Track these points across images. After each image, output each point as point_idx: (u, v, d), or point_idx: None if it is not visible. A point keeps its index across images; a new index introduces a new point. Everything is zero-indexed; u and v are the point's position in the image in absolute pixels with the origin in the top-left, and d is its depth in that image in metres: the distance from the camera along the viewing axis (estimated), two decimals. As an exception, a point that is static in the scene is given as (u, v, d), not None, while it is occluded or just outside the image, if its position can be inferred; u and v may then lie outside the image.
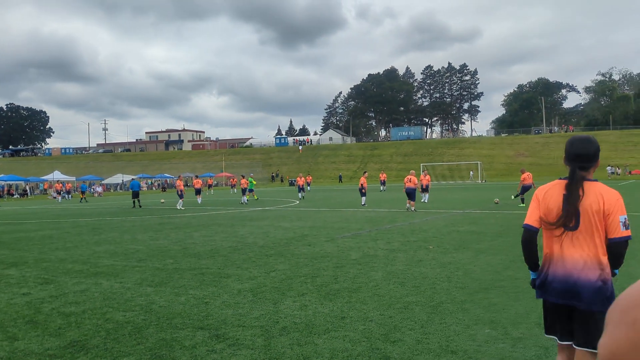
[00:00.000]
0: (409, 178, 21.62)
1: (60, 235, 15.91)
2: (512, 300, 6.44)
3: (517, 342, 4.90)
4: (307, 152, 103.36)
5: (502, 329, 5.33)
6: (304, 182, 36.95)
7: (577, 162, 3.27)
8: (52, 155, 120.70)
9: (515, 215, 18.33)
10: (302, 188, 35.81)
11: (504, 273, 8.15)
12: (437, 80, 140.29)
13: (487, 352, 4.68)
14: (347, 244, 11.92)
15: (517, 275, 7.97)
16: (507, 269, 8.46)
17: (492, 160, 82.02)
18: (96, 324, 5.93)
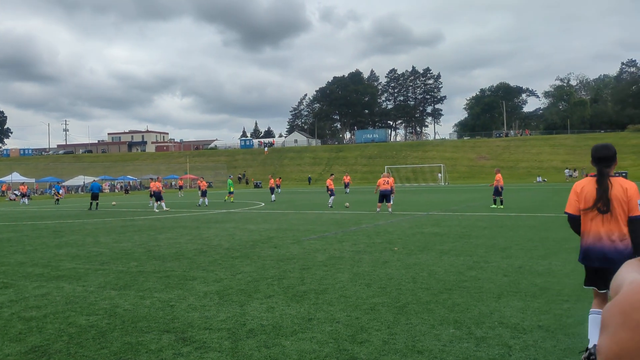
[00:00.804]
0: (385, 180, 21.64)
1: (19, 238, 15.47)
2: (475, 301, 6.58)
3: (481, 342, 5.02)
4: (273, 154, 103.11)
5: (466, 328, 5.46)
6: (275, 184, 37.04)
7: (601, 163, 4.43)
8: (11, 157, 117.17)
9: (476, 217, 18.71)
10: (273, 190, 35.97)
11: (467, 274, 8.32)
12: (401, 83, 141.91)
13: (451, 351, 4.78)
14: (313, 246, 11.97)
15: (479, 275, 8.15)
16: (470, 270, 8.64)
17: (455, 163, 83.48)
18: (58, 329, 5.81)
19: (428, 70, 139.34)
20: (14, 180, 66.20)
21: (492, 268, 8.79)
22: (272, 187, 36.33)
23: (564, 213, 4.72)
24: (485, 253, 10.39)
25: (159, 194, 28.33)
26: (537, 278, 7.88)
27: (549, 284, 7.44)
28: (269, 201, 33.63)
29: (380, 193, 21.51)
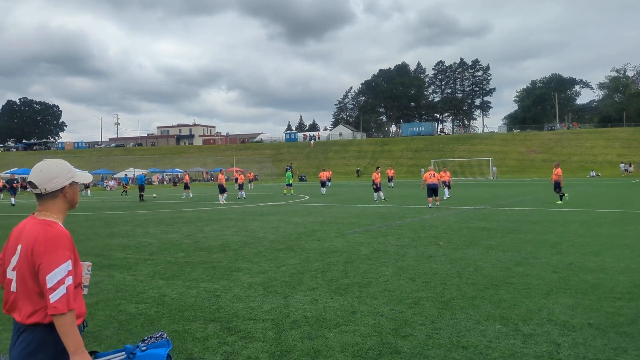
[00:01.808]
0: (432, 173, 21.27)
1: (72, 228, 16.07)
2: (522, 297, 6.42)
3: (528, 338, 4.89)
4: (317, 148, 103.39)
5: (512, 325, 5.33)
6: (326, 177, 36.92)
7: None
8: (65, 150, 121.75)
9: (526, 212, 18.24)
10: (324, 183, 35.82)
11: (515, 270, 8.13)
12: (448, 75, 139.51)
13: (497, 347, 4.69)
14: (358, 240, 11.94)
15: (528, 272, 7.95)
16: (518, 266, 8.43)
17: (504, 157, 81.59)
18: (109, 315, 6.00)
19: (477, 62, 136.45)
20: (70, 173, 68.70)
21: (541, 264, 8.55)
22: (322, 181, 36.24)
23: None
24: (534, 249, 10.12)
25: (222, 187, 28.90)
26: (588, 275, 7.63)
27: (600, 281, 7.18)
28: (319, 194, 33.77)
29: (428, 187, 21.14)
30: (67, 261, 2.37)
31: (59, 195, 2.57)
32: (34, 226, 2.47)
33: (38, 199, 2.57)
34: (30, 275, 2.38)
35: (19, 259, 2.44)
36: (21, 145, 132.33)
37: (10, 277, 2.47)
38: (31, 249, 2.39)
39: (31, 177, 2.54)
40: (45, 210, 2.55)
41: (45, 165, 2.57)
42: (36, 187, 2.53)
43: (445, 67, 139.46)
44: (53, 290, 2.29)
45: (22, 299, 2.41)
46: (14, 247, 2.51)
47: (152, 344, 2.62)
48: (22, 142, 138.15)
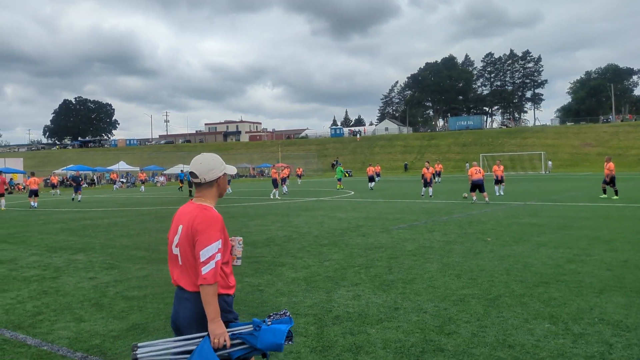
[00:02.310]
0: (477, 169, 21.00)
1: (124, 223, 16.57)
2: (573, 295, 6.20)
3: (579, 338, 4.72)
4: (363, 143, 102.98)
5: (562, 324, 5.15)
6: (374, 172, 36.44)
7: None
8: (118, 147, 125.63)
9: (579, 207, 17.62)
10: (372, 178, 35.45)
11: (566, 267, 7.86)
12: (498, 67, 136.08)
13: (545, 347, 4.54)
14: (402, 235, 11.83)
15: (580, 269, 7.67)
16: (570, 263, 8.15)
17: (557, 150, 79.08)
18: (157, 308, 6.15)
19: (527, 53, 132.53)
20: (121, 169, 70.98)
21: (594, 261, 8.24)
22: (371, 176, 35.86)
23: None
24: (587, 245, 9.76)
25: (276, 182, 29.07)
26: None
27: (659, 280, 6.86)
28: (365, 190, 33.66)
29: (472, 183, 20.82)
30: (218, 240, 2.80)
31: (214, 184, 3.01)
32: (193, 209, 2.93)
33: (197, 187, 3.02)
34: (190, 251, 2.84)
35: (181, 237, 2.90)
36: (77, 143, 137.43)
37: (175, 253, 2.94)
38: (190, 228, 2.84)
39: (192, 168, 2.99)
40: (202, 197, 3.01)
41: (204, 158, 3.00)
42: (197, 176, 2.97)
43: (495, 59, 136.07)
44: (205, 264, 2.73)
45: (186, 271, 2.87)
46: (175, 228, 2.98)
47: (277, 320, 2.87)
48: (77, 140, 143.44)
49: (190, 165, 3.03)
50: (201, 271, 2.72)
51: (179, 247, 2.92)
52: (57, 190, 43.27)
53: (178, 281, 2.94)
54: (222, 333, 2.72)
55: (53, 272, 8.61)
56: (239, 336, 2.80)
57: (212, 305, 2.72)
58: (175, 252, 2.95)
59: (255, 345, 2.77)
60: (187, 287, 2.85)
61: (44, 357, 4.65)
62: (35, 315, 6.01)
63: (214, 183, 3.00)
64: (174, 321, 2.95)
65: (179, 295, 2.94)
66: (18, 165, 60.80)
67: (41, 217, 19.52)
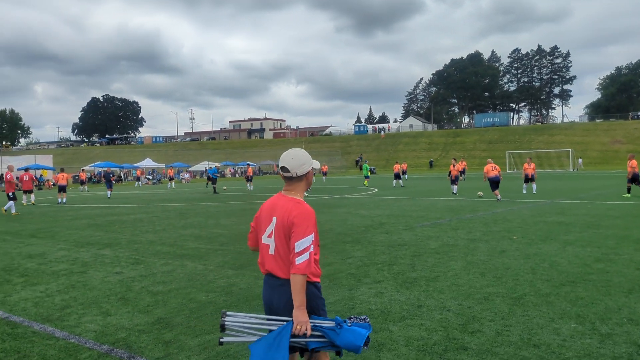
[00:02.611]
0: (493, 166, 20.90)
1: (149, 219, 16.79)
2: (601, 295, 6.08)
3: (606, 338, 4.62)
4: (387, 140, 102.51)
5: (589, 324, 5.06)
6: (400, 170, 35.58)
7: None
8: (144, 144, 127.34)
9: (608, 205, 17.27)
10: (399, 175, 34.97)
11: (594, 266, 7.71)
12: (525, 63, 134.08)
13: (572, 347, 4.46)
14: (426, 233, 11.74)
15: (608, 268, 7.52)
16: (598, 262, 8.00)
17: (586, 148, 77.60)
18: (181, 303, 6.22)
19: (556, 49, 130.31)
20: (147, 166, 71.92)
21: (623, 261, 8.06)
22: (397, 173, 35.08)
23: None
24: (616, 245, 9.56)
25: None
26: (676, 273, 7.11)
27: (690, 281, 6.68)
28: (388, 187, 33.53)
29: (490, 180, 20.70)
30: (312, 234, 2.95)
31: (303, 178, 3.18)
32: (287, 202, 3.09)
33: (287, 180, 3.17)
34: (285, 242, 3.01)
35: (276, 228, 3.06)
36: (104, 140, 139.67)
37: (267, 243, 3.12)
38: (286, 220, 3.00)
39: (284, 163, 3.15)
40: (292, 190, 3.16)
41: (295, 154, 3.19)
42: (288, 171, 3.13)
43: (522, 54, 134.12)
44: (299, 255, 2.88)
45: (280, 260, 3.04)
46: (268, 218, 3.15)
47: (356, 323, 2.96)
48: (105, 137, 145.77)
49: (280, 160, 3.18)
50: (295, 261, 2.88)
51: (272, 238, 3.08)
52: (85, 187, 44.07)
53: (270, 269, 3.10)
54: (305, 322, 2.87)
55: (80, 267, 8.78)
56: (320, 329, 2.93)
57: (301, 294, 2.87)
58: (267, 242, 3.13)
59: (334, 341, 2.89)
60: (281, 274, 3.03)
61: (72, 349, 4.74)
62: (63, 309, 6.13)
63: (303, 177, 3.18)
64: (268, 306, 3.13)
65: (270, 282, 3.11)
66: (48, 162, 62.04)
67: (69, 213, 19.90)
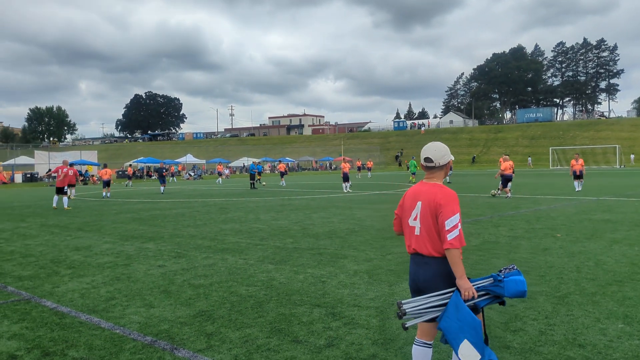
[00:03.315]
0: (511, 164, 20.67)
1: (191, 213, 17.10)
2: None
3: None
4: (427, 136, 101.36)
5: (637, 324, 4.90)
6: None
7: None
8: (185, 140, 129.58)
9: (658, 203, 16.65)
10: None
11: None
12: (570, 57, 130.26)
13: (619, 348, 4.33)
14: (467, 230, 11.57)
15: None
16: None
17: (634, 144, 74.91)
18: (222, 297, 6.32)
19: (602, 42, 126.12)
20: (188, 162, 73.21)
21: (674, 261, 7.77)
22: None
23: None
24: (667, 244, 9.22)
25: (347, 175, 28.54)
26: None
27: None
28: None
29: (504, 178, 20.43)
30: (458, 212, 3.29)
31: (443, 167, 3.52)
32: (430, 187, 3.44)
33: (428, 170, 3.53)
34: (432, 222, 3.33)
35: (422, 211, 3.41)
36: (147, 137, 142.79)
37: (413, 226, 3.47)
38: (432, 203, 3.34)
39: (427, 154, 3.51)
40: (433, 178, 3.51)
41: (437, 147, 3.53)
42: (432, 161, 3.49)
43: (566, 48, 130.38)
44: (449, 231, 3.21)
45: (427, 239, 3.37)
46: (412, 204, 3.50)
47: (509, 273, 3.39)
48: (147, 134, 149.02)
49: (423, 151, 3.55)
50: (447, 237, 3.21)
51: (419, 220, 3.42)
52: (130, 182, 45.18)
53: (416, 248, 3.43)
54: (470, 287, 3.22)
55: (125, 260, 9.01)
56: (483, 288, 3.34)
57: (459, 265, 3.21)
58: (412, 225, 3.47)
59: (502, 294, 3.33)
60: (426, 253, 3.37)
61: (117, 340, 4.88)
62: (108, 300, 6.31)
63: (444, 167, 3.52)
64: (414, 281, 3.49)
65: (416, 260, 3.46)
66: (92, 158, 63.90)
67: (114, 207, 20.45)
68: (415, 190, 3.55)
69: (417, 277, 3.44)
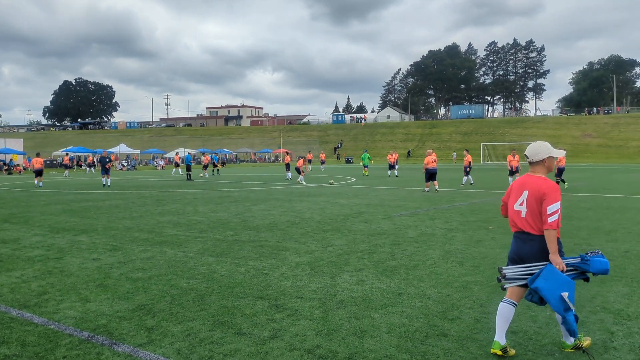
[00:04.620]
0: (433, 157, 20.60)
1: (126, 205, 16.61)
2: (576, 284, 6.23)
3: (580, 326, 4.76)
4: (365, 130, 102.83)
5: (564, 312, 5.20)
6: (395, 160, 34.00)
7: None
8: (118, 129, 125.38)
9: (579, 197, 17.66)
10: (393, 166, 33.62)
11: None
12: (500, 57, 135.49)
13: (547, 334, 4.59)
14: (404, 222, 11.87)
15: (581, 258, 7.72)
16: (571, 253, 8.18)
17: (558, 141, 78.93)
18: (162, 290, 6.20)
19: (531, 43, 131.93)
20: (122, 151, 70.91)
21: (596, 251, 8.28)
22: (392, 163, 33.64)
23: None
24: (588, 236, 9.81)
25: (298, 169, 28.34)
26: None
27: (660, 271, 6.90)
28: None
29: (427, 172, 20.45)
30: (559, 200, 4.04)
31: (540, 163, 4.27)
32: (536, 180, 4.20)
33: (530, 165, 4.34)
34: (537, 207, 4.10)
35: (528, 198, 4.17)
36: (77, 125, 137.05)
37: (519, 210, 4.24)
38: (538, 191, 4.10)
39: (525, 152, 4.36)
40: (535, 172, 4.29)
41: (533, 145, 4.33)
42: (528, 157, 4.31)
43: (498, 48, 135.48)
44: (551, 215, 3.97)
45: (531, 221, 4.13)
46: (519, 192, 4.27)
47: (594, 256, 4.11)
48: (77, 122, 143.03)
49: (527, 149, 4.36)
50: (547, 220, 3.97)
51: (524, 205, 4.19)
52: (67, 172, 43.44)
53: (521, 227, 4.20)
54: (561, 262, 3.98)
55: (57, 253, 8.66)
56: (572, 264, 4.09)
57: (554, 243, 3.97)
58: (518, 209, 4.24)
59: (587, 270, 4.06)
60: (531, 231, 4.13)
61: (51, 335, 4.70)
62: (40, 295, 6.06)
63: (540, 163, 4.26)
64: (516, 253, 4.25)
65: (522, 237, 4.21)
66: (18, 146, 60.67)
67: (42, 198, 19.55)
68: (522, 181, 4.32)
69: (520, 250, 4.21)
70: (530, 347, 4.31)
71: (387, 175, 33.83)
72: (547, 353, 4.18)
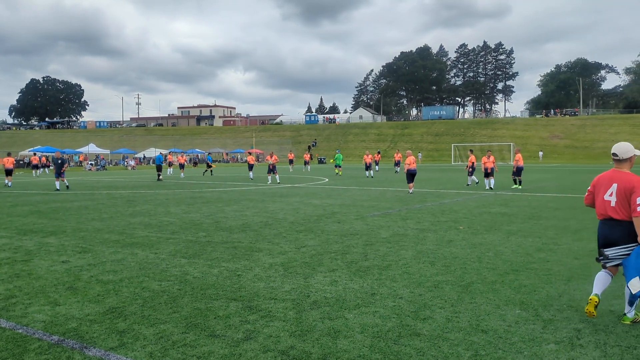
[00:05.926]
0: (413, 159, 20.53)
1: (95, 206, 16.34)
2: (543, 283, 6.40)
3: (548, 324, 4.89)
4: (337, 130, 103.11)
5: (532, 310, 5.32)
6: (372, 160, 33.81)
7: None
8: (87, 129, 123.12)
9: (547, 198, 18.05)
10: (369, 166, 33.57)
11: (536, 255, 8.09)
12: (471, 59, 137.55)
13: (517, 332, 4.69)
14: (377, 223, 11.96)
15: (549, 258, 7.90)
16: (539, 252, 8.39)
17: (526, 142, 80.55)
18: (133, 292, 6.13)
19: (500, 45, 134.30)
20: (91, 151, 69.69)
21: (563, 250, 8.49)
22: (368, 164, 33.63)
23: None
24: (556, 235, 10.04)
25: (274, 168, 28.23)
26: (611, 262, 7.54)
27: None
28: (336, 177, 33.77)
29: (408, 172, 20.28)
30: None
31: (627, 161, 5.04)
32: (624, 175, 4.98)
33: (617, 162, 5.10)
34: (624, 198, 4.89)
35: (617, 190, 4.95)
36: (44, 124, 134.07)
37: (608, 200, 5.02)
38: (629, 185, 4.86)
39: (614, 150, 5.09)
40: (622, 168, 5.06)
41: (621, 145, 5.09)
42: (617, 155, 5.04)
43: (468, 50, 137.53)
44: (639, 205, 4.72)
45: (620, 209, 4.93)
46: (608, 184, 5.06)
47: None
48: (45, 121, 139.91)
49: (612, 149, 5.12)
50: (636, 209, 4.73)
51: (614, 195, 4.96)
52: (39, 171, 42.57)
53: (611, 214, 4.98)
54: None
55: (24, 255, 8.48)
56: None
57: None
58: (608, 199, 5.02)
59: None
60: (619, 218, 4.92)
61: (20, 340, 4.61)
62: (7, 299, 5.93)
63: (627, 160, 5.03)
64: (606, 237, 5.03)
65: (610, 224, 5.02)
66: (-17, 146, 59.03)
67: (8, 199, 19.10)
68: (609, 176, 5.08)
69: (610, 235, 4.98)
70: (500, 345, 4.40)
71: (365, 176, 34.07)
72: (517, 351, 4.27)
